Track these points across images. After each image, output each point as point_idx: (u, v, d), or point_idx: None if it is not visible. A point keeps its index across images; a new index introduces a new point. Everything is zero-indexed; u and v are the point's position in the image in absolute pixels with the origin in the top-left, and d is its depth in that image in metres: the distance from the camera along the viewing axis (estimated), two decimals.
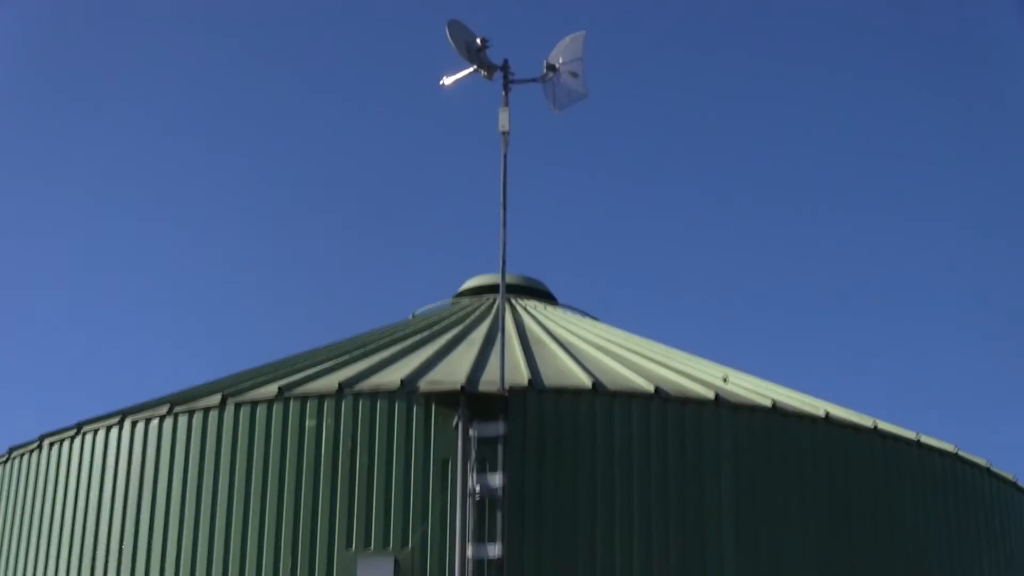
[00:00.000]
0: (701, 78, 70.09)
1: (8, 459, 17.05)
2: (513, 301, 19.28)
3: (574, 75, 17.06)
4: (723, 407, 15.67)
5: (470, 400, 14.93)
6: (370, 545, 14.74)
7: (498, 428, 14.82)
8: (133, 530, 15.53)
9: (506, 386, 15.10)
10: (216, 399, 15.64)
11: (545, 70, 16.79)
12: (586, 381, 15.69)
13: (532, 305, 19.77)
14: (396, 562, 14.47)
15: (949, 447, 16.89)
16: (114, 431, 16.07)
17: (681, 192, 68.79)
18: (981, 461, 17.11)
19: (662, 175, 69.84)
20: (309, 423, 15.24)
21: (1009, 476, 17.45)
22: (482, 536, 14.54)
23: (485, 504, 14.61)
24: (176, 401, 15.94)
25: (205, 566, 15.05)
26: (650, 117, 68.60)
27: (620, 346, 18.10)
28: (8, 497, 16.87)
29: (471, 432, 14.78)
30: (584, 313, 20.22)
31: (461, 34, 16.76)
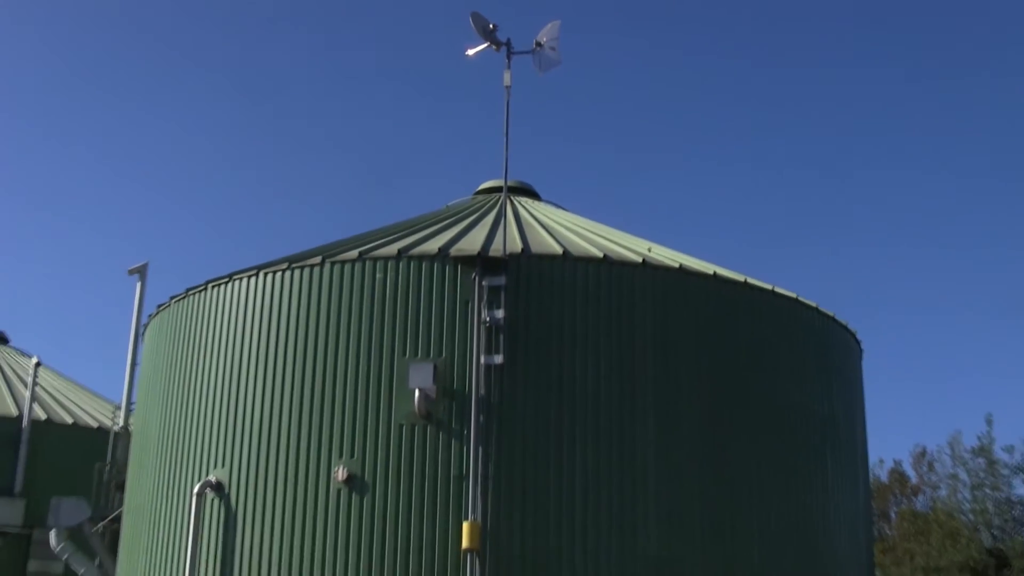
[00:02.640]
0: (631, 52, 69.30)
1: (185, 297, 17.01)
2: (512, 198, 19.15)
3: (553, 49, 17.45)
4: (647, 267, 15.67)
5: (483, 262, 14.96)
6: (418, 355, 14.74)
7: (501, 280, 14.86)
8: (266, 344, 15.58)
9: (507, 252, 15.15)
10: (318, 259, 15.65)
11: (534, 46, 17.19)
12: (558, 250, 15.71)
13: (524, 200, 19.71)
14: (435, 366, 14.53)
15: (791, 294, 16.86)
16: (253, 279, 16.07)
17: (623, 123, 68.37)
18: (811, 303, 17.03)
19: (607, 115, 69.46)
20: (378, 276, 15.24)
21: (830, 313, 17.42)
22: (490, 350, 14.65)
23: (492, 329, 14.70)
24: (292, 260, 15.96)
25: (311, 370, 15.12)
26: (600, 80, 68.01)
27: (581, 228, 18.03)
28: (184, 324, 16.83)
29: (483, 283, 14.84)
30: (558, 206, 20.14)
31: (480, 21, 17.16)
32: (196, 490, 15.35)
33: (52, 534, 18.72)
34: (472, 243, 15.95)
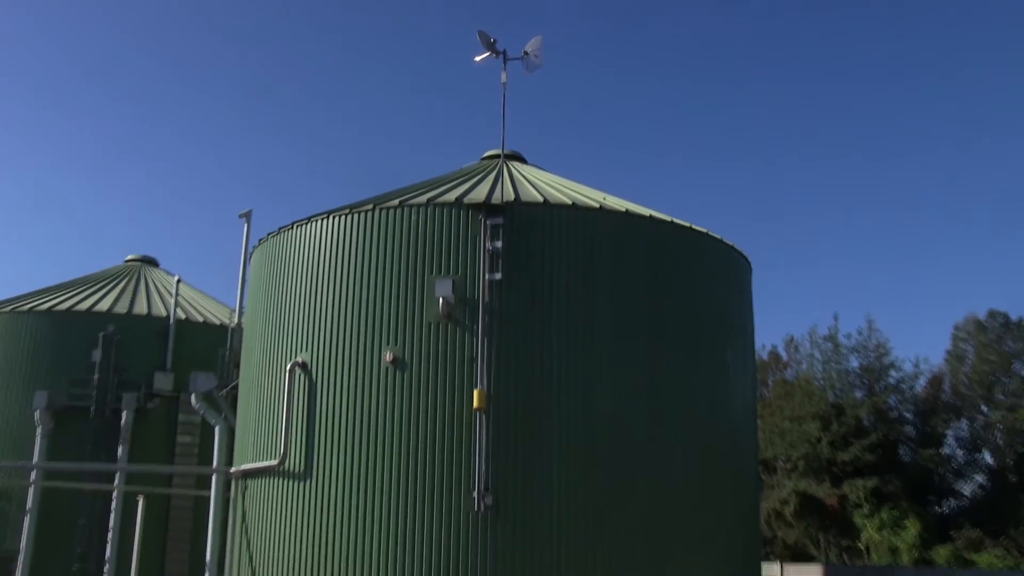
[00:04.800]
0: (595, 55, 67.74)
1: (278, 233, 16.49)
2: (507, 162, 18.58)
3: (536, 56, 17.24)
4: (603, 211, 15.22)
5: (487, 207, 14.46)
6: (441, 273, 14.34)
7: (500, 220, 14.36)
8: (334, 266, 15.12)
9: (504, 201, 14.63)
10: (370, 206, 15.14)
11: (523, 54, 16.86)
12: (540, 199, 15.16)
13: (516, 164, 19.07)
14: (453, 281, 14.16)
15: (703, 229, 16.44)
16: (325, 220, 15.59)
17: (589, 106, 67.11)
18: (717, 235, 16.70)
19: (577, 102, 68.20)
20: (413, 219, 14.77)
21: (730, 242, 17.05)
22: (492, 269, 14.21)
23: (493, 255, 14.25)
24: (353, 206, 15.48)
25: (366, 282, 14.70)
26: (573, 75, 66.62)
27: (557, 183, 17.47)
28: (278, 251, 16.39)
29: (487, 222, 14.35)
30: (541, 168, 19.45)
31: (484, 36, 17.08)
32: (288, 368, 15.01)
33: (192, 397, 18.55)
34: (479, 194, 15.36)
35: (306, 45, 73.10)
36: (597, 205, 15.25)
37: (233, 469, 16.48)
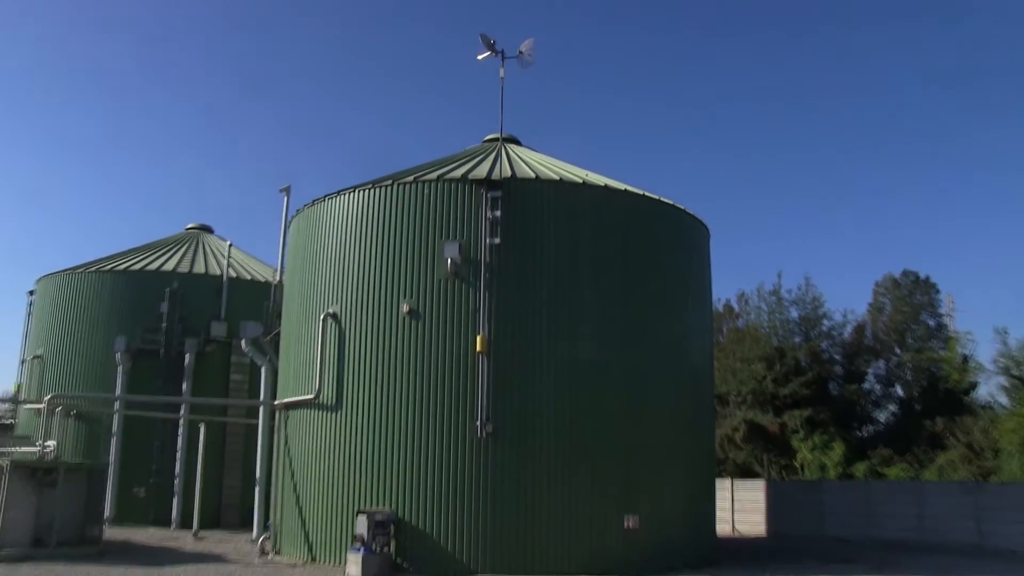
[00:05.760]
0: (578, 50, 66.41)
1: (313, 205, 16.11)
2: (504, 144, 18.09)
3: (529, 55, 16.98)
4: (586, 186, 14.87)
5: (488, 182, 14.11)
6: (450, 237, 14.05)
7: (499, 193, 14.04)
8: (360, 232, 14.80)
9: (502, 177, 14.29)
10: (390, 181, 14.80)
11: (518, 53, 16.38)
12: (532, 175, 14.83)
13: (512, 146, 18.62)
14: (460, 244, 13.83)
15: (670, 201, 16.03)
16: (352, 194, 15.24)
17: (573, 96, 65.97)
18: (681, 206, 16.30)
19: (563, 92, 67.08)
20: (425, 192, 14.42)
21: (692, 212, 16.62)
22: (492, 234, 13.94)
23: (493, 222, 13.95)
24: (376, 181, 15.12)
25: (387, 246, 14.39)
26: (560, 71, 65.35)
27: (547, 162, 17.06)
28: (313, 220, 16.04)
29: (488, 195, 14.04)
30: (533, 149, 18.98)
31: (485, 38, 16.95)
32: (321, 318, 14.78)
33: (242, 342, 18.32)
34: (481, 171, 14.96)
35: (331, 51, 71.78)
36: (581, 180, 14.86)
37: (277, 402, 16.33)
